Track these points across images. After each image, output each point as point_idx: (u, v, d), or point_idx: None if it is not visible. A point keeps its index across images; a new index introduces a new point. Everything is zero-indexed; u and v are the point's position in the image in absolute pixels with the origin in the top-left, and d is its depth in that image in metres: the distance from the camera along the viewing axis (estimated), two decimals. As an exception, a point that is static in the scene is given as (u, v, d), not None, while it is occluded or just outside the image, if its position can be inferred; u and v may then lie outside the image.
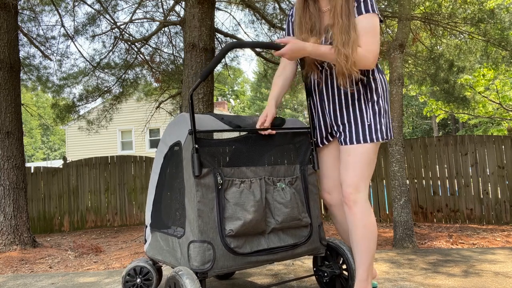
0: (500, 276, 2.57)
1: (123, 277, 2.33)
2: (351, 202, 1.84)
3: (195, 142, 1.78)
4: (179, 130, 1.92)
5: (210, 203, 1.78)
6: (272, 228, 1.89)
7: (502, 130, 14.23)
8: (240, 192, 1.82)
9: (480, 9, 5.52)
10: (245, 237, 1.82)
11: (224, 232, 1.77)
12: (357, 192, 1.84)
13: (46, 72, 7.84)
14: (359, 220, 1.84)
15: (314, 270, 2.23)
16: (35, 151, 42.59)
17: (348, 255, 2.06)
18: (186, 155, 1.83)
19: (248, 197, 1.82)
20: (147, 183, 7.38)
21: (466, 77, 9.34)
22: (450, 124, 31.99)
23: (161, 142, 2.12)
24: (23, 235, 5.07)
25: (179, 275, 1.69)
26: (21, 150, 5.31)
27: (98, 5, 6.84)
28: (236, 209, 1.79)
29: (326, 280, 2.15)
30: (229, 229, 1.77)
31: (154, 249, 2.18)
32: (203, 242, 1.75)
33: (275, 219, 1.89)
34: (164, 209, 2.15)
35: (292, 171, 2.02)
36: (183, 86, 4.77)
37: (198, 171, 1.76)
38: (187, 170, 1.82)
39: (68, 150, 18.71)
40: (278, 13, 6.65)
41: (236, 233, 1.77)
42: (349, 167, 1.87)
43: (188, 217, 1.83)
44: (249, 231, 1.82)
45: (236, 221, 1.78)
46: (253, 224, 1.81)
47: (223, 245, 1.76)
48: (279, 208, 1.90)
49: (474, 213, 5.81)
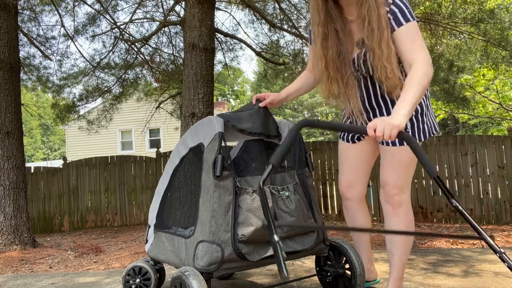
0: (500, 276, 2.57)
1: (123, 277, 2.34)
2: (396, 203, 1.83)
3: (221, 143, 1.79)
4: (202, 133, 1.92)
5: (226, 206, 1.78)
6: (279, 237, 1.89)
7: (502, 130, 14.23)
8: (252, 199, 1.83)
9: (480, 9, 5.52)
10: (254, 244, 1.82)
11: (236, 237, 1.77)
12: (402, 193, 1.82)
13: (46, 72, 7.85)
14: (402, 221, 1.84)
15: (316, 270, 2.23)
16: (35, 151, 42.58)
17: (351, 254, 2.05)
18: (208, 157, 1.84)
19: (260, 203, 1.82)
20: (147, 183, 7.38)
21: (466, 77, 9.34)
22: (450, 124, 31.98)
23: (180, 143, 2.11)
24: (23, 235, 5.07)
25: (185, 275, 1.68)
26: (21, 150, 5.31)
27: (98, 5, 6.84)
28: (249, 215, 1.79)
29: (329, 280, 2.14)
30: (241, 234, 1.76)
31: (157, 249, 2.17)
32: (212, 243, 1.75)
33: (283, 228, 1.89)
34: (172, 210, 2.15)
35: (292, 177, 2.02)
36: (183, 86, 4.77)
37: (219, 172, 1.77)
38: (207, 171, 1.83)
39: (68, 150, 18.70)
40: (278, 13, 6.65)
41: (248, 239, 1.77)
42: (393, 168, 1.83)
43: (201, 218, 1.83)
44: (259, 238, 1.82)
45: (248, 227, 1.78)
46: (264, 231, 1.82)
47: (234, 249, 1.75)
48: (284, 217, 1.90)
49: (474, 213, 5.81)
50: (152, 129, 17.48)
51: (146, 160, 7.46)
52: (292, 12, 6.67)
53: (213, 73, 4.88)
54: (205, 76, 4.67)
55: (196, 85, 4.62)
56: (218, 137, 1.79)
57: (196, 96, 4.61)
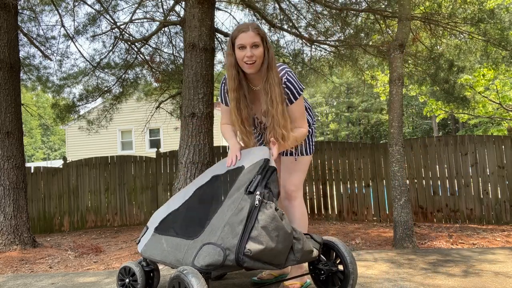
0: (500, 276, 2.57)
1: (117, 277, 2.39)
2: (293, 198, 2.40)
3: (263, 167, 1.93)
4: (247, 159, 2.06)
5: (243, 218, 1.79)
6: (289, 262, 1.87)
7: (502, 130, 14.23)
8: (271, 217, 1.80)
9: (480, 9, 5.52)
10: (259, 262, 1.77)
11: (242, 249, 1.73)
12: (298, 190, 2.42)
13: (46, 72, 7.85)
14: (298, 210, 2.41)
15: (310, 269, 2.25)
16: (35, 151, 42.57)
17: (344, 252, 2.08)
18: (245, 176, 1.93)
19: (278, 225, 1.79)
20: (147, 183, 7.38)
21: (466, 77, 9.33)
22: (450, 124, 31.96)
23: (218, 164, 2.27)
24: (23, 235, 5.07)
25: (183, 274, 1.68)
26: (21, 150, 5.31)
27: (98, 5, 6.84)
28: (262, 233, 1.76)
29: (323, 278, 2.16)
30: (248, 248, 1.73)
31: (153, 249, 2.18)
32: (218, 246, 1.75)
33: (295, 255, 1.88)
34: (181, 220, 2.16)
35: None
36: (183, 86, 4.77)
37: (254, 188, 1.86)
38: (238, 187, 1.90)
39: (68, 150, 18.70)
40: (278, 13, 6.65)
41: (253, 256, 1.73)
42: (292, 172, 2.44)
43: (212, 223, 1.86)
44: (266, 259, 1.78)
45: (258, 245, 1.74)
46: (274, 254, 1.78)
47: (235, 258, 1.72)
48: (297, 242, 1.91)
49: (474, 213, 5.81)
50: (152, 129, 17.48)
51: (146, 160, 7.46)
52: (292, 12, 6.67)
53: (213, 73, 4.88)
54: (205, 76, 4.67)
55: (196, 85, 4.61)
56: (263, 162, 1.93)
57: (196, 96, 4.61)
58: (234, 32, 2.15)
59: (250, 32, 2.10)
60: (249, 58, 2.09)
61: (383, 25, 6.15)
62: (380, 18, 6.04)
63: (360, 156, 6.44)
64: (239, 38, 2.11)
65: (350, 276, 2.03)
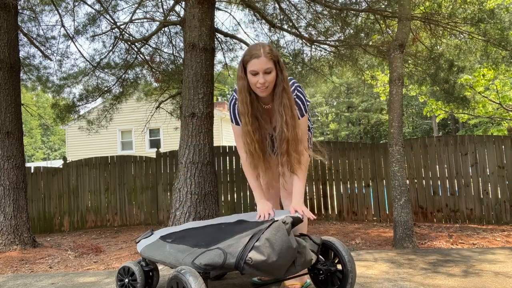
0: (500, 276, 2.57)
1: (116, 277, 2.40)
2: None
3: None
4: (278, 216, 2.06)
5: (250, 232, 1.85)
6: (289, 274, 1.86)
7: (502, 130, 14.22)
8: (277, 229, 1.79)
9: (480, 9, 5.52)
10: (258, 271, 1.76)
11: (244, 256, 1.72)
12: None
13: (46, 72, 7.85)
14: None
15: (308, 269, 2.25)
16: (35, 151, 42.58)
17: (342, 252, 2.08)
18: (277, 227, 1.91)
19: (282, 238, 1.77)
20: (147, 183, 7.38)
21: (466, 77, 9.33)
22: (450, 124, 31.97)
23: (248, 213, 2.30)
24: (23, 235, 5.07)
25: (181, 273, 1.68)
26: (21, 150, 5.31)
27: (98, 5, 6.84)
28: (265, 244, 1.74)
29: (322, 278, 2.17)
30: (250, 257, 1.71)
31: (153, 250, 2.18)
32: (220, 249, 1.76)
33: (296, 268, 1.87)
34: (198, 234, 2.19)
35: None
36: (183, 86, 4.77)
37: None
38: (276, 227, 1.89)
39: (68, 150, 18.70)
40: (278, 13, 6.65)
41: (253, 265, 1.72)
42: None
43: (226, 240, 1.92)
44: (266, 271, 1.76)
45: (259, 255, 1.73)
46: (275, 267, 1.76)
47: (236, 263, 1.71)
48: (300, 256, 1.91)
49: (474, 213, 5.81)
50: (152, 129, 17.47)
51: (146, 160, 7.46)
52: (292, 12, 6.67)
53: (213, 73, 4.88)
54: (205, 76, 4.67)
55: (196, 85, 4.61)
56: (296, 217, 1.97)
57: (196, 96, 4.61)
58: (246, 57, 2.07)
59: (263, 58, 2.03)
60: (262, 85, 2.06)
61: (383, 25, 6.15)
62: (380, 18, 6.04)
63: (360, 156, 6.44)
64: (251, 64, 2.04)
65: (349, 275, 2.03)
